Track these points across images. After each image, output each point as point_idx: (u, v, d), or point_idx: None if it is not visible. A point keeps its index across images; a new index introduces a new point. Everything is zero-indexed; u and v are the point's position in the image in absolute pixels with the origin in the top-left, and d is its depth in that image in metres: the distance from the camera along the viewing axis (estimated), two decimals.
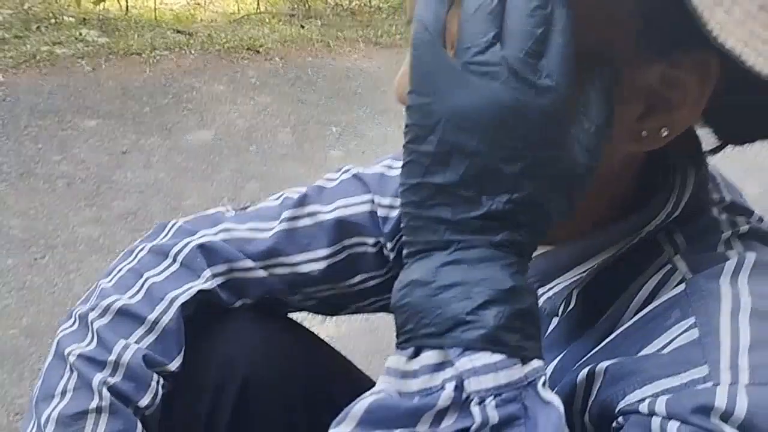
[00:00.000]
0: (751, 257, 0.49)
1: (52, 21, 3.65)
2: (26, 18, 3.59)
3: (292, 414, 0.80)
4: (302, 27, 4.32)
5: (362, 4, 5.00)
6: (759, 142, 0.55)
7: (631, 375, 0.45)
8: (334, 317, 1.65)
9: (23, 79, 3.04)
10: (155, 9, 4.25)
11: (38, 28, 3.55)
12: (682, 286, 0.49)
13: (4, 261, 1.99)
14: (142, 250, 0.77)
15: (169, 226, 0.78)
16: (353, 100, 3.40)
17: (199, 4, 4.76)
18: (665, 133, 0.47)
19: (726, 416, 0.40)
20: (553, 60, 0.39)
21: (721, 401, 0.41)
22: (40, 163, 2.49)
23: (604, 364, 0.48)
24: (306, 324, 0.87)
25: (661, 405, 0.42)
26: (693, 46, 0.42)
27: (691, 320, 0.46)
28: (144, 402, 0.69)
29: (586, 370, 0.49)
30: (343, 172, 0.79)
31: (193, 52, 3.56)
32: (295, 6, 4.80)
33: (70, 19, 3.71)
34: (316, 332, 0.89)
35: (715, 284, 0.47)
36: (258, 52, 3.70)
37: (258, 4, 4.76)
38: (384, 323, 0.74)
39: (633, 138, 0.47)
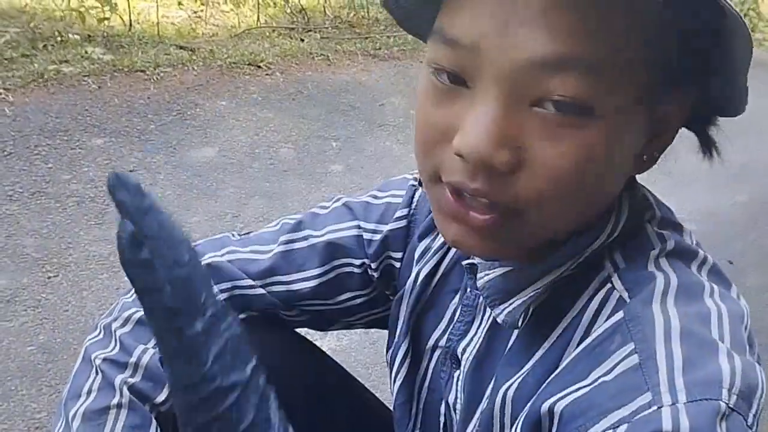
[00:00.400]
0: (675, 280, 0.56)
1: (58, 39, 3.73)
2: (33, 36, 3.67)
3: (293, 414, 0.89)
4: (302, 40, 4.41)
5: (360, 16, 5.08)
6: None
7: (587, 411, 0.51)
8: (336, 332, 1.75)
9: (32, 98, 3.13)
10: (158, 23, 4.34)
11: (45, 46, 3.63)
12: (621, 313, 0.55)
13: (20, 279, 2.07)
14: None
15: None
16: (352, 114, 3.49)
17: (200, 17, 4.84)
18: (657, 155, 0.58)
19: None
20: None
21: (667, 423, 0.47)
22: (50, 183, 2.58)
23: (561, 404, 0.53)
24: (309, 337, 0.96)
25: None
26: (685, 83, 0.54)
27: (631, 346, 0.52)
28: (160, 398, 0.78)
29: (546, 405, 0.55)
30: (335, 201, 0.89)
31: (195, 68, 3.64)
32: (295, 19, 4.89)
33: (76, 36, 3.79)
34: (318, 344, 0.98)
35: (649, 310, 0.54)
36: (259, 67, 3.79)
37: (258, 17, 4.85)
38: (383, 337, 0.84)
39: (636, 163, 0.57)
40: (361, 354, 1.94)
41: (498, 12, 0.49)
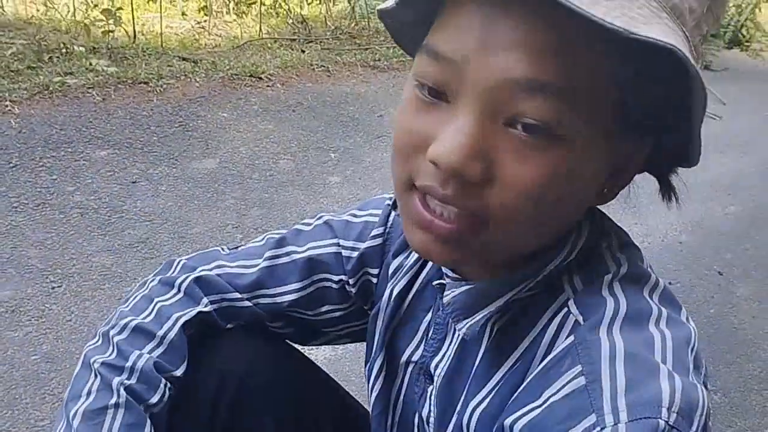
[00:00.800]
0: (624, 306, 0.60)
1: (64, 51, 3.80)
2: (39, 49, 3.73)
3: (280, 418, 0.94)
4: (303, 51, 4.47)
5: (361, 27, 5.15)
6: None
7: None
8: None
9: (37, 110, 3.19)
10: (161, 34, 4.41)
11: (50, 58, 3.70)
12: (573, 337, 0.60)
13: (24, 290, 2.13)
14: (153, 281, 0.93)
15: (176, 263, 0.94)
16: (351, 125, 3.55)
17: (203, 27, 4.91)
18: (616, 191, 0.63)
19: None
20: None
21: None
22: (54, 194, 2.64)
23: (518, 424, 0.57)
24: (305, 350, 1.02)
25: None
26: (644, 130, 0.59)
27: (579, 368, 0.56)
28: (153, 400, 0.83)
29: (508, 421, 0.59)
30: (317, 219, 0.94)
31: (198, 79, 3.71)
32: (296, 30, 4.95)
33: (81, 48, 3.86)
34: (314, 356, 1.04)
35: (597, 334, 0.58)
36: (260, 78, 3.85)
37: (260, 28, 4.92)
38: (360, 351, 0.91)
39: (598, 194, 0.63)
40: (356, 364, 2.00)
41: (483, 32, 0.53)
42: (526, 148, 0.54)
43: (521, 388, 0.62)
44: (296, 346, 1.01)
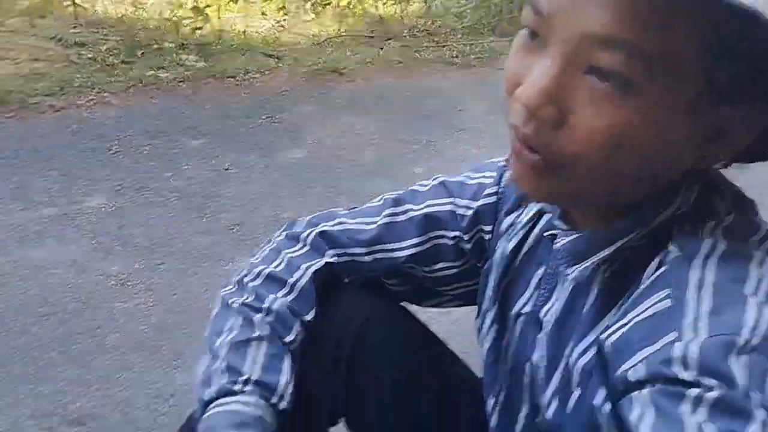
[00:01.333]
0: (723, 246, 0.61)
1: (155, 47, 3.97)
2: (132, 44, 3.91)
3: (396, 378, 0.97)
4: (381, 49, 4.55)
5: (438, 26, 5.20)
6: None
7: (625, 349, 0.58)
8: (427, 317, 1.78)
9: (133, 101, 3.35)
10: (244, 32, 4.55)
11: (143, 54, 3.87)
12: (666, 266, 0.61)
13: (132, 264, 2.25)
14: (279, 236, 0.99)
15: (299, 220, 1.00)
16: (432, 119, 3.59)
17: (283, 26, 5.04)
18: (721, 156, 0.64)
19: (684, 362, 0.51)
20: None
21: (677, 351, 0.52)
22: (153, 179, 2.76)
23: (609, 340, 0.60)
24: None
25: (641, 368, 0.54)
26: (751, 99, 0.59)
27: (667, 291, 0.58)
28: (289, 339, 0.89)
29: (601, 338, 0.62)
30: (433, 180, 0.98)
31: (282, 74, 3.83)
32: (373, 29, 5.04)
33: (170, 44, 4.02)
34: None
35: (690, 264, 0.59)
36: (341, 74, 3.95)
37: (339, 26, 5.02)
38: (470, 327, 0.93)
39: (696, 157, 0.63)
40: (451, 344, 2.03)
41: None
42: (601, 98, 0.56)
43: (620, 312, 0.65)
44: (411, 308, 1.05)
